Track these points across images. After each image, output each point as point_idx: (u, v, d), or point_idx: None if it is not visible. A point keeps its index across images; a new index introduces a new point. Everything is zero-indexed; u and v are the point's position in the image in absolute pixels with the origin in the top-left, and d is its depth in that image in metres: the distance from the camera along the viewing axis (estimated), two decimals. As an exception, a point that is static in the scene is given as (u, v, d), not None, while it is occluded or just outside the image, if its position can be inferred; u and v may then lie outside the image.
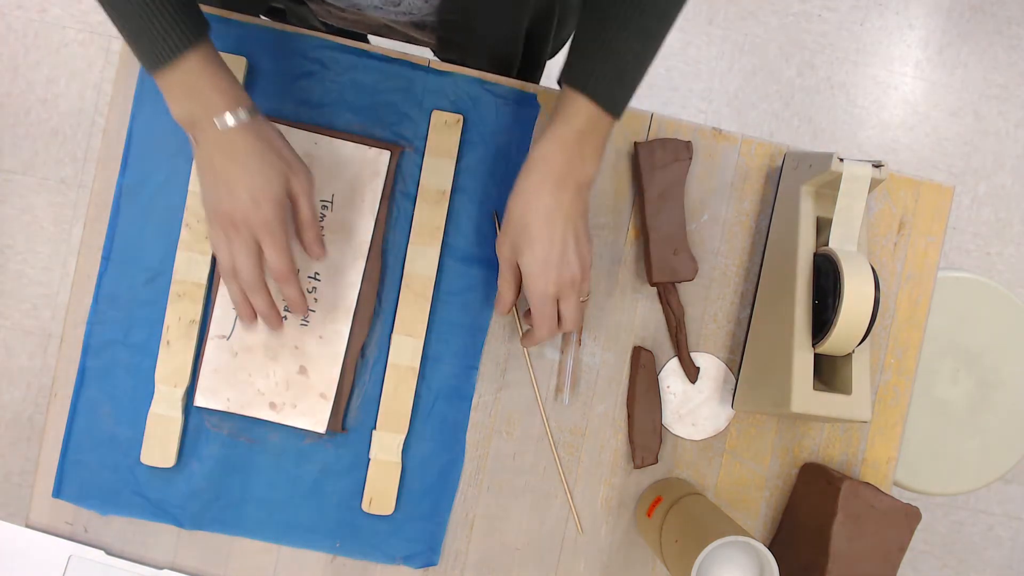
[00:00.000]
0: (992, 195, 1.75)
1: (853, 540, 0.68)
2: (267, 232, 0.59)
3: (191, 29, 0.56)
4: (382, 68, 0.72)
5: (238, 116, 0.58)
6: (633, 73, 0.60)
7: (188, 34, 0.56)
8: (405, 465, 0.72)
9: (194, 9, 0.57)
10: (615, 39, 0.59)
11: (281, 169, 0.60)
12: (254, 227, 0.59)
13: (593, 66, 0.59)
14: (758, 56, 1.70)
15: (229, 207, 0.58)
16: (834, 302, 0.64)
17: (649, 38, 0.59)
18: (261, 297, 0.62)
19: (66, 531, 0.70)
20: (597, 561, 0.74)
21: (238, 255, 0.59)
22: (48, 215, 1.54)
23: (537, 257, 0.61)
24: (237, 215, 0.58)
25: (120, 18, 0.56)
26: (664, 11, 0.59)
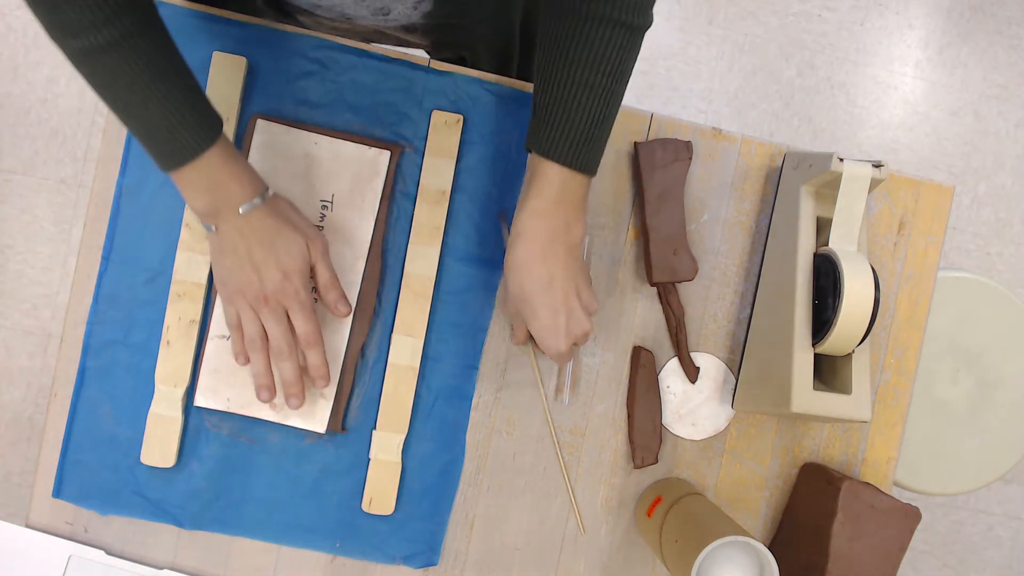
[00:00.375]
0: (992, 195, 1.75)
1: (853, 540, 0.68)
2: (297, 302, 0.63)
3: (209, 127, 0.58)
4: (382, 68, 0.72)
5: (262, 195, 0.61)
6: (598, 132, 0.60)
7: (208, 133, 0.58)
8: (405, 465, 0.72)
9: (208, 106, 0.59)
10: (574, 101, 0.59)
11: (301, 241, 0.63)
12: (284, 300, 0.63)
13: (557, 132, 0.59)
14: (758, 56, 1.70)
15: (259, 287, 0.62)
16: (834, 302, 0.64)
17: (609, 96, 0.60)
18: (290, 364, 0.64)
19: (66, 531, 0.70)
20: (597, 561, 0.74)
21: (270, 325, 0.63)
22: (48, 215, 1.54)
23: (545, 326, 0.62)
24: (268, 291, 0.62)
25: (139, 125, 0.57)
26: (617, 68, 0.59)
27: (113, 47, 0.53)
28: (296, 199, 0.70)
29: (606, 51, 0.58)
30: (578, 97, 0.58)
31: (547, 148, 0.59)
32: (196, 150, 0.57)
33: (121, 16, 0.53)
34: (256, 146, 0.70)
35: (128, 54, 0.54)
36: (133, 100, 0.56)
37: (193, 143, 0.57)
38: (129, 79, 0.55)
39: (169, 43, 0.57)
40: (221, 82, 0.69)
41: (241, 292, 0.62)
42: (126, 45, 0.54)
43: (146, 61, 0.55)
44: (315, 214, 0.70)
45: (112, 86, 0.55)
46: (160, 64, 0.56)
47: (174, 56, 0.58)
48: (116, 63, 0.54)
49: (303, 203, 0.70)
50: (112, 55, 0.54)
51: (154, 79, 0.55)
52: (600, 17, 0.57)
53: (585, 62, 0.58)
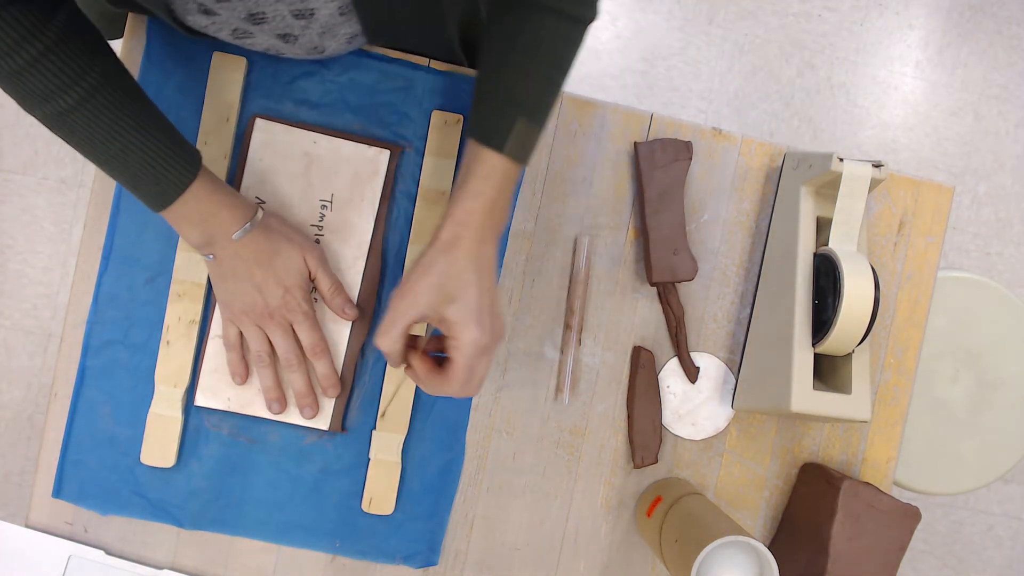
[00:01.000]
0: (992, 195, 1.75)
1: (853, 540, 0.68)
2: (301, 314, 0.65)
3: (190, 161, 0.60)
4: (382, 68, 0.72)
5: (254, 219, 0.63)
6: (538, 122, 0.60)
7: (189, 168, 0.59)
8: (405, 465, 0.72)
9: (183, 140, 0.60)
10: (519, 91, 0.59)
11: (297, 254, 0.65)
12: (288, 314, 0.65)
13: (500, 120, 0.59)
14: (758, 56, 1.70)
15: (263, 305, 0.64)
16: (834, 302, 0.64)
17: (550, 86, 0.60)
18: (301, 375, 0.67)
19: (66, 531, 0.70)
20: (597, 561, 0.74)
21: (277, 340, 0.65)
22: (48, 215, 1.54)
23: (471, 306, 0.57)
24: (272, 308, 0.64)
25: (123, 174, 0.58)
26: (561, 59, 0.59)
27: (84, 105, 0.55)
28: (296, 199, 0.70)
29: (552, 41, 0.58)
30: (522, 86, 0.59)
31: (490, 137, 0.59)
32: (181, 186, 0.59)
33: (86, 73, 0.54)
34: (256, 146, 0.70)
35: (100, 109, 0.55)
36: (112, 151, 0.57)
37: (177, 181, 0.59)
38: (106, 133, 0.56)
39: (135, 87, 0.58)
40: (221, 82, 0.69)
41: (245, 312, 0.64)
42: (96, 100, 0.55)
43: (118, 112, 0.56)
44: (315, 214, 0.70)
45: (91, 142, 0.57)
46: (132, 111, 0.57)
47: (142, 99, 0.59)
48: (90, 120, 0.55)
49: (303, 203, 0.70)
50: (84, 113, 0.55)
51: (129, 127, 0.57)
52: (547, 7, 0.58)
53: (531, 51, 0.58)
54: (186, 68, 0.70)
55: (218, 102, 0.69)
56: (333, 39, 0.65)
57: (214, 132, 0.69)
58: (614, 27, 1.67)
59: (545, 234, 0.74)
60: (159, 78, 0.70)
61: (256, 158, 0.70)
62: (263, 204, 0.70)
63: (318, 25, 0.61)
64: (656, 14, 1.68)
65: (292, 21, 0.60)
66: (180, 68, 0.70)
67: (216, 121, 0.69)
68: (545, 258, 0.74)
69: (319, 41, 0.64)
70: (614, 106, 0.75)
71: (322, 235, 0.70)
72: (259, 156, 0.70)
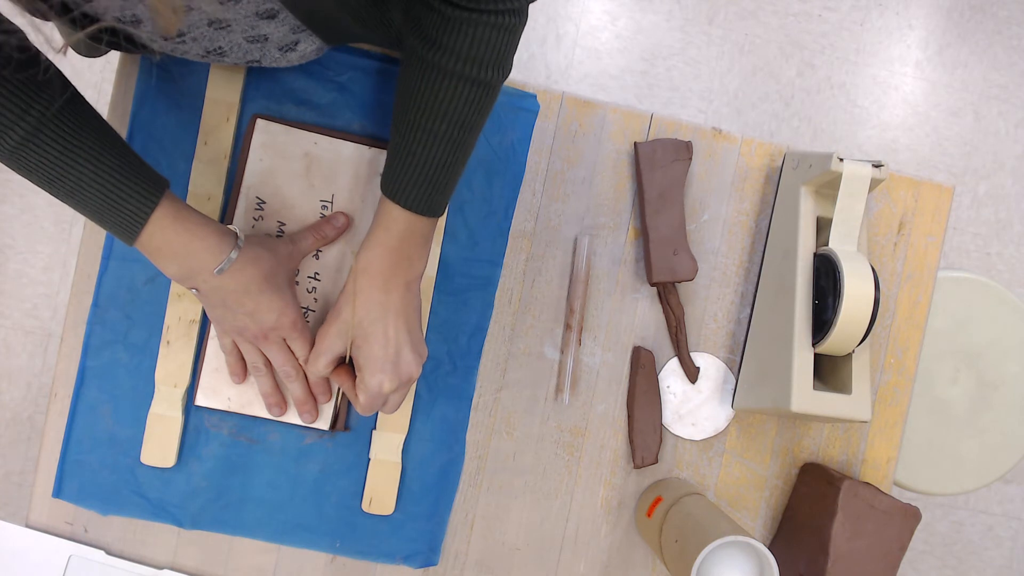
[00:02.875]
0: (992, 195, 1.75)
1: (853, 540, 0.68)
2: (295, 331, 0.64)
3: (149, 190, 0.56)
4: (382, 68, 0.72)
5: (230, 257, 0.59)
6: (444, 179, 0.60)
7: (149, 196, 0.56)
8: (405, 465, 0.72)
9: (144, 168, 0.57)
10: (422, 149, 0.58)
11: (286, 271, 0.64)
12: (282, 332, 0.64)
13: (404, 176, 0.59)
14: (758, 56, 1.70)
15: (256, 329, 0.63)
16: (834, 302, 0.64)
17: (456, 146, 0.59)
18: (299, 384, 0.66)
19: (66, 531, 0.70)
20: (597, 561, 0.74)
21: (272, 355, 0.65)
22: (48, 215, 1.54)
23: (374, 355, 0.61)
24: (266, 329, 0.63)
25: (83, 207, 0.55)
26: (466, 120, 0.58)
27: (31, 140, 0.52)
28: (296, 199, 0.70)
29: (454, 103, 0.57)
30: (425, 145, 0.58)
31: (394, 192, 0.59)
32: (142, 217, 0.56)
33: (31, 108, 0.51)
34: (256, 146, 0.70)
35: (47, 144, 0.52)
36: (68, 185, 0.54)
37: (137, 211, 0.55)
38: (59, 166, 0.53)
39: (89, 115, 0.55)
40: (221, 82, 0.69)
41: (239, 333, 0.64)
42: (43, 135, 0.52)
43: (68, 145, 0.53)
44: (315, 214, 0.70)
45: (48, 178, 0.54)
46: (83, 142, 0.54)
47: (96, 127, 0.55)
48: (38, 155, 0.53)
49: (303, 203, 0.70)
50: (31, 149, 0.52)
51: (80, 159, 0.53)
52: (448, 71, 0.56)
53: (434, 112, 0.57)
54: (186, 68, 0.70)
55: (218, 102, 0.69)
56: (297, 53, 0.64)
57: (214, 132, 0.69)
58: (614, 27, 1.67)
59: (545, 234, 0.74)
60: (159, 78, 0.70)
61: (256, 158, 0.70)
62: (259, 217, 0.69)
63: (274, 46, 0.61)
64: (656, 14, 1.68)
65: (249, 47, 0.59)
66: (180, 68, 0.70)
67: (216, 121, 0.69)
68: (545, 258, 0.74)
69: (283, 56, 0.64)
70: (614, 106, 0.75)
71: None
72: (259, 156, 0.70)
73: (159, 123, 0.70)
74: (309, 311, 0.70)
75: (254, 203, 0.69)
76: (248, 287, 0.61)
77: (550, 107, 0.74)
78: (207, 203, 0.69)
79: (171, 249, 0.58)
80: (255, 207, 0.69)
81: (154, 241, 0.57)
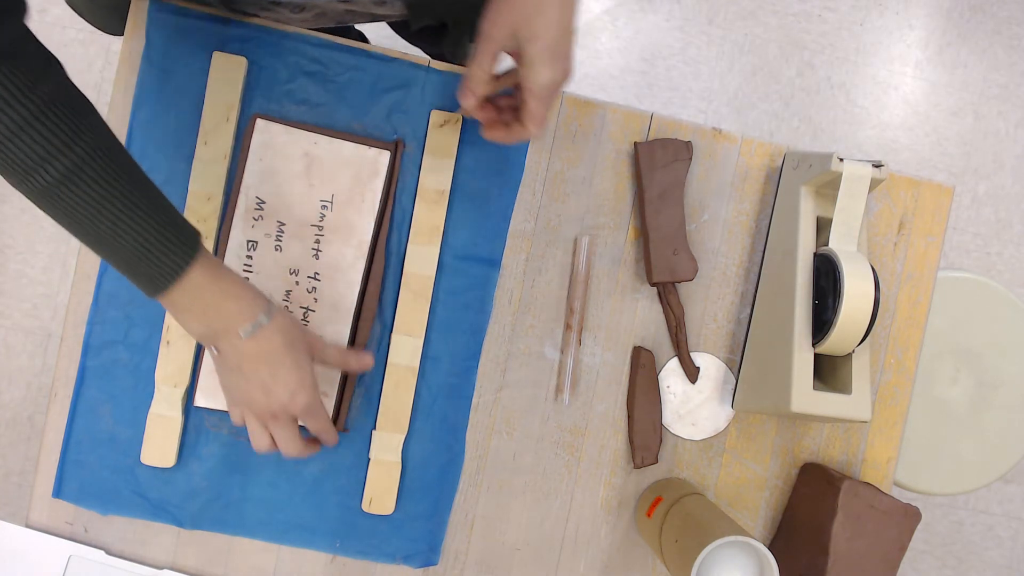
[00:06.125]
0: (992, 195, 1.75)
1: (853, 540, 0.68)
2: (308, 413, 0.60)
3: (187, 243, 0.54)
4: (382, 68, 0.72)
5: (260, 322, 0.57)
6: None
7: (187, 249, 0.54)
8: (405, 465, 0.72)
9: (181, 220, 0.55)
10: None
11: (307, 351, 0.60)
12: (295, 413, 0.60)
13: None
14: (758, 56, 1.70)
15: (265, 405, 0.59)
16: (834, 302, 0.64)
17: None
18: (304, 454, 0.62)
19: (66, 531, 0.70)
20: (597, 561, 0.74)
21: (279, 435, 0.60)
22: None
23: (551, 47, 0.56)
24: (276, 409, 0.59)
25: (114, 255, 0.53)
26: None
27: (70, 179, 0.50)
28: (296, 199, 0.70)
29: None
30: None
31: None
32: (178, 270, 0.54)
33: (74, 144, 0.49)
34: (256, 146, 0.70)
35: (88, 183, 0.50)
36: (102, 231, 0.52)
37: (173, 264, 0.53)
38: (95, 209, 0.51)
39: (128, 160, 0.54)
40: (221, 82, 0.69)
41: (248, 406, 0.60)
42: (84, 174, 0.50)
43: (108, 186, 0.51)
44: (315, 214, 0.70)
45: (79, 220, 0.51)
46: (124, 186, 0.52)
47: (135, 173, 0.54)
48: (77, 195, 0.50)
49: (303, 203, 0.70)
50: (70, 187, 0.50)
51: (120, 204, 0.52)
52: None
53: None
54: (186, 68, 0.70)
55: (218, 102, 0.69)
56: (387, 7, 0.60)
57: (214, 132, 0.69)
58: (614, 27, 1.67)
59: (545, 234, 0.74)
60: (159, 78, 0.70)
61: (256, 158, 0.70)
62: (259, 217, 0.69)
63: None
64: (656, 14, 1.68)
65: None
66: (180, 68, 0.70)
67: (216, 121, 0.69)
68: (545, 258, 0.74)
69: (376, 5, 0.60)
70: (614, 106, 0.75)
71: (322, 235, 0.70)
72: (259, 156, 0.70)
73: (159, 123, 0.70)
74: (309, 311, 0.70)
75: (254, 203, 0.69)
76: (269, 356, 0.58)
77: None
78: (207, 203, 0.69)
79: (200, 306, 0.56)
80: (255, 207, 0.69)
81: (185, 297, 0.55)
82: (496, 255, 0.73)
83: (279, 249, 0.70)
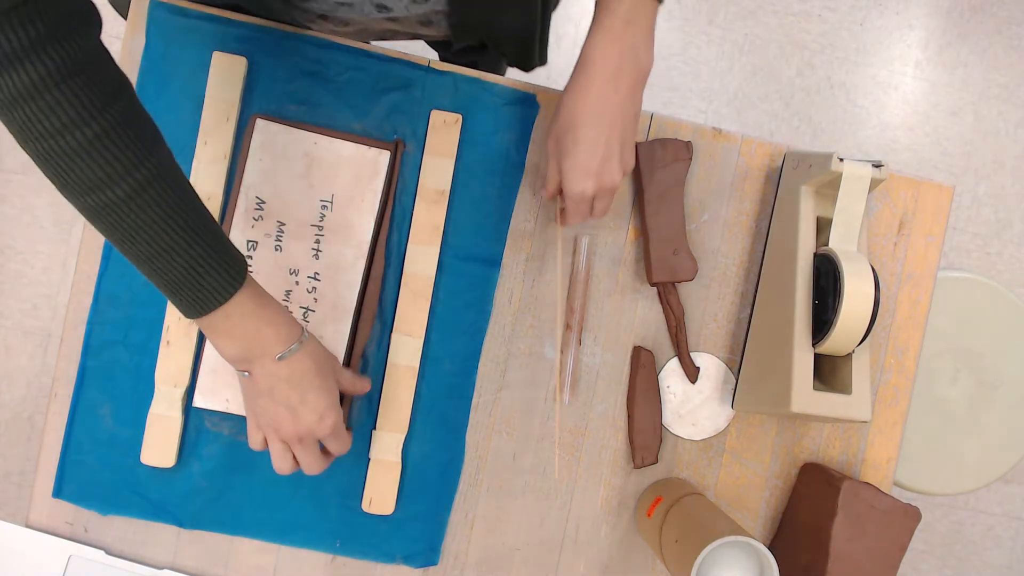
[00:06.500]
0: (992, 195, 1.75)
1: (853, 540, 0.68)
2: (332, 436, 0.61)
3: (237, 269, 0.55)
4: (382, 68, 0.72)
5: (294, 348, 0.58)
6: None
7: (235, 276, 0.55)
8: (405, 465, 0.72)
9: (231, 246, 0.56)
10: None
11: (332, 374, 0.62)
12: (321, 436, 0.61)
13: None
14: (758, 56, 1.70)
15: (293, 429, 0.59)
16: (834, 302, 0.64)
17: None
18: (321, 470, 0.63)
19: (66, 531, 0.70)
20: (597, 561, 0.74)
21: (302, 456, 0.61)
22: (48, 215, 1.54)
23: (578, 162, 0.60)
24: (303, 432, 0.59)
25: (163, 276, 0.54)
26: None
27: (133, 199, 0.50)
28: (296, 199, 0.70)
29: None
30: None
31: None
32: (225, 295, 0.54)
33: (140, 166, 0.50)
34: (256, 146, 0.70)
35: (149, 204, 0.51)
36: (156, 251, 0.52)
37: (221, 288, 0.54)
38: (152, 231, 0.51)
39: (187, 185, 0.54)
40: (221, 82, 0.69)
41: (275, 429, 0.60)
42: (146, 195, 0.51)
43: (168, 209, 0.52)
44: (315, 214, 0.70)
45: (133, 239, 0.52)
46: (182, 210, 0.52)
47: (193, 199, 0.54)
48: (137, 215, 0.51)
49: (303, 203, 0.70)
50: (132, 207, 0.50)
51: (177, 227, 0.52)
52: None
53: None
54: (186, 68, 0.70)
55: (218, 102, 0.69)
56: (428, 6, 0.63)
57: (214, 132, 0.69)
58: (614, 27, 1.67)
59: (545, 234, 0.74)
60: (159, 78, 0.70)
61: (256, 158, 0.70)
62: (259, 217, 0.69)
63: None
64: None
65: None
66: (180, 68, 0.70)
67: (216, 121, 0.69)
68: (545, 258, 0.74)
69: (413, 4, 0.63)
70: (614, 106, 0.75)
71: (322, 235, 0.70)
72: (259, 156, 0.70)
73: (159, 123, 0.69)
74: (309, 311, 0.70)
75: (254, 203, 0.69)
76: (301, 380, 0.59)
77: (550, 107, 0.74)
78: (207, 203, 0.69)
79: (241, 331, 0.56)
80: (255, 207, 0.69)
81: (226, 321, 0.56)
82: (496, 255, 0.73)
83: (279, 249, 0.70)
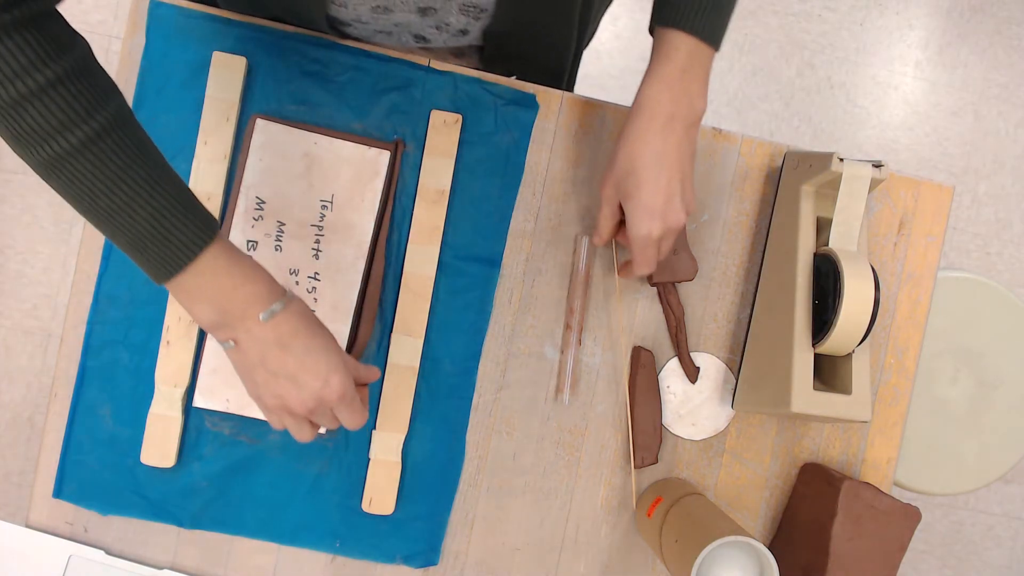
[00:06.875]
0: (992, 195, 1.75)
1: (853, 540, 0.68)
2: (342, 402, 0.57)
3: (205, 224, 0.52)
4: (382, 68, 0.72)
5: (278, 307, 0.54)
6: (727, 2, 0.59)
7: (204, 230, 0.52)
8: (405, 465, 0.72)
9: (198, 202, 0.53)
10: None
11: (334, 338, 0.58)
12: (329, 403, 0.56)
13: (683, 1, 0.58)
14: (758, 56, 1.70)
15: (299, 399, 0.55)
16: (834, 302, 0.64)
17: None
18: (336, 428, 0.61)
19: (66, 531, 0.70)
20: (597, 561, 0.74)
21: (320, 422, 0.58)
22: (48, 215, 1.54)
23: (643, 204, 0.61)
24: (311, 402, 0.56)
25: (124, 233, 0.51)
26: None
27: (88, 147, 0.48)
28: (296, 199, 0.70)
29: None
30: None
31: (677, 18, 0.58)
32: (193, 250, 0.51)
33: (95, 113, 0.48)
34: (256, 146, 0.70)
35: (106, 154, 0.48)
36: (115, 205, 0.50)
37: (189, 243, 0.51)
38: (110, 182, 0.49)
39: (146, 139, 0.52)
40: (221, 82, 0.69)
41: (282, 405, 0.56)
42: (103, 143, 0.48)
43: (126, 159, 0.49)
44: (315, 214, 0.70)
45: (91, 193, 0.49)
46: (141, 161, 0.50)
47: (154, 152, 0.52)
48: (93, 165, 0.48)
49: (303, 203, 0.70)
50: (88, 157, 0.48)
51: (138, 178, 0.50)
52: None
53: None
54: (186, 68, 0.70)
55: (218, 102, 0.69)
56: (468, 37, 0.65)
57: (214, 132, 0.69)
58: (614, 27, 1.67)
59: (545, 234, 0.74)
60: (159, 78, 0.70)
61: (256, 158, 0.70)
62: (259, 217, 0.69)
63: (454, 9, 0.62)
64: (656, 14, 1.68)
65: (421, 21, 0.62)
66: (180, 68, 0.70)
67: (216, 121, 0.69)
68: (545, 258, 0.74)
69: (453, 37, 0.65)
70: (614, 106, 0.75)
71: (322, 235, 0.70)
72: (259, 156, 0.70)
73: (159, 123, 0.70)
74: (309, 311, 0.70)
75: (254, 203, 0.69)
76: (292, 341, 0.55)
77: (550, 107, 0.74)
78: (207, 203, 0.69)
79: (215, 289, 0.53)
80: (255, 207, 0.69)
81: (198, 280, 0.52)
82: (496, 255, 0.73)
83: (279, 249, 0.70)
